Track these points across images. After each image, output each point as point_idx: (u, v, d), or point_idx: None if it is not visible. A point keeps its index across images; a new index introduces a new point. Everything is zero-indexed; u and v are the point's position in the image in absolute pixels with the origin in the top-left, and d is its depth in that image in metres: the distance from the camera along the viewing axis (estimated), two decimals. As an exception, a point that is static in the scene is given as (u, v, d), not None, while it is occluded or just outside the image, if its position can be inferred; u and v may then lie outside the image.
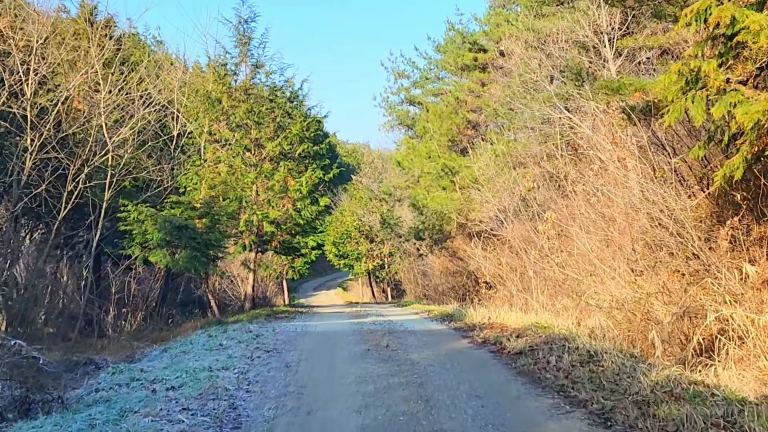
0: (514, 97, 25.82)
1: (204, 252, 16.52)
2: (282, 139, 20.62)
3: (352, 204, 50.36)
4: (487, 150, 26.47)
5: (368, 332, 12.84)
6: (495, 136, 27.76)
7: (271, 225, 19.69)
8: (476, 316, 14.21)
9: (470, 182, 26.93)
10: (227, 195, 19.25)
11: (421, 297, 38.79)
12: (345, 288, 62.50)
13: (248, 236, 20.17)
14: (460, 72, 33.42)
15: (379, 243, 46.48)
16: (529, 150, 25.50)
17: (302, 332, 13.09)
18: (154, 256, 16.13)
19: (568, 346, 9.88)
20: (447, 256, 30.82)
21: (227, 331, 12.68)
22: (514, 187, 24.90)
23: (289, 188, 20.01)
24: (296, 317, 18.34)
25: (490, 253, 24.58)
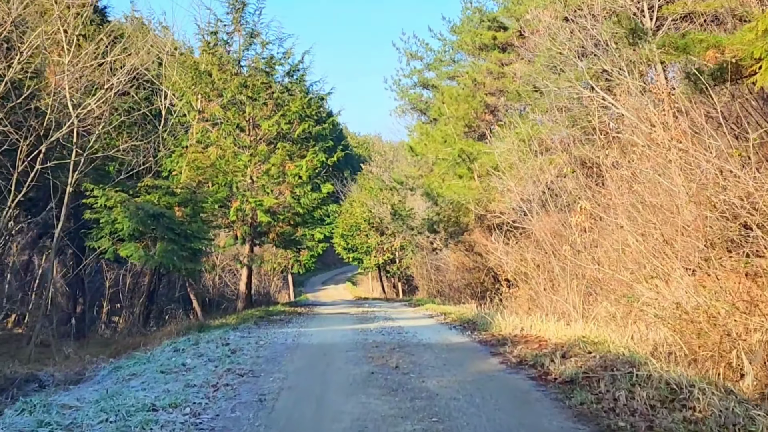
0: (539, 76, 23.31)
1: (183, 245, 14.13)
2: (279, 117, 18.18)
3: (362, 195, 47.97)
4: (510, 134, 23.95)
5: (373, 345, 10.41)
6: (517, 120, 25.25)
7: (266, 214, 17.27)
8: (505, 325, 11.72)
9: (490, 170, 24.45)
10: (216, 180, 16.88)
11: (434, 294, 36.35)
12: (354, 282, 60.16)
13: (240, 227, 17.78)
14: (477, 52, 30.85)
15: (389, 236, 44.05)
16: (556, 134, 22.99)
17: (293, 344, 10.66)
18: (125, 250, 13.76)
19: (636, 373, 7.42)
20: (463, 250, 28.33)
21: (199, 344, 10.27)
22: (540, 174, 22.41)
23: (287, 173, 17.60)
24: (292, 320, 15.96)
25: (512, 248, 22.16)
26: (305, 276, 57.27)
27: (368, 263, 44.91)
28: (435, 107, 33.59)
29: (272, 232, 19.15)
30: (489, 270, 27.17)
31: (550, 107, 22.80)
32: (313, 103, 19.15)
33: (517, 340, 10.35)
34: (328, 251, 53.62)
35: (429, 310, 20.02)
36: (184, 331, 13.72)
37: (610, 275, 15.13)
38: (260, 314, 17.23)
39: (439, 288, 36.06)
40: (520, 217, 22.32)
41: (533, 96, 24.95)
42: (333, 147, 20.03)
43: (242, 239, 17.89)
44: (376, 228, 44.74)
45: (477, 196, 23.74)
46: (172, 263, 13.92)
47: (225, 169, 17.08)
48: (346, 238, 46.32)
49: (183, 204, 14.49)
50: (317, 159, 18.32)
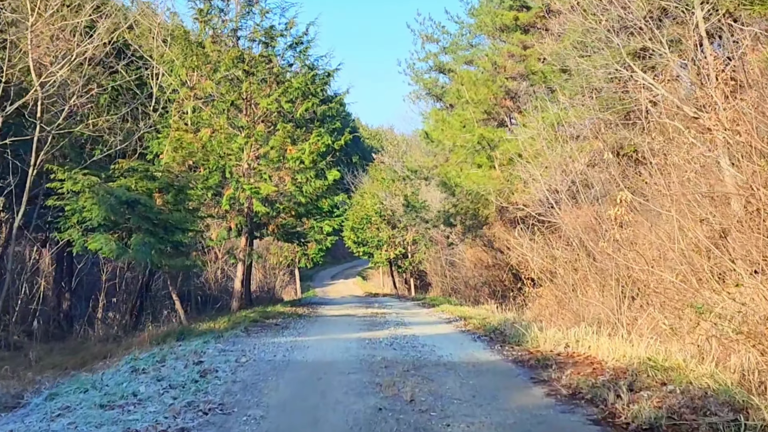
0: (568, 54, 21.16)
1: (163, 237, 12.12)
2: (280, 94, 16.12)
3: (373, 186, 45.92)
4: (536, 118, 21.84)
5: (382, 365, 8.34)
6: (543, 104, 23.15)
7: (263, 204, 15.23)
8: (543, 338, 9.59)
9: (514, 157, 22.37)
10: (207, 164, 14.89)
11: (448, 291, 34.27)
12: (365, 277, 58.19)
13: (234, 217, 15.78)
14: (498, 34, 28.66)
15: (401, 229, 41.97)
16: (587, 119, 20.87)
17: (282, 362, 8.60)
18: (93, 242, 11.75)
19: (745, 423, 5.38)
20: (481, 245, 26.27)
21: (166, 361, 8.24)
22: (569, 163, 20.32)
23: (288, 157, 15.56)
24: (290, 325, 13.94)
25: (537, 244, 20.09)
26: (314, 270, 55.35)
27: (379, 258, 42.86)
28: (452, 92, 31.45)
29: (272, 224, 17.12)
30: (510, 267, 25.09)
31: (581, 89, 20.69)
32: (318, 79, 17.07)
33: (562, 360, 8.27)
34: (337, 244, 51.63)
35: (445, 312, 17.96)
36: (161, 339, 11.75)
37: (659, 277, 13.07)
38: (255, 316, 15.23)
39: (453, 285, 33.98)
40: (547, 210, 20.30)
41: (560, 78, 22.82)
42: (340, 129, 17.95)
43: (237, 231, 15.87)
44: (387, 221, 42.65)
45: (498, 187, 21.64)
46: (150, 258, 11.91)
47: (217, 151, 15.07)
48: (357, 232, 44.28)
49: (164, 190, 12.49)
50: (322, 142, 16.26)
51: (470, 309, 19.40)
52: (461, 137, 23.11)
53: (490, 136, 22.32)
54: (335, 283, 55.08)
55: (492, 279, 27.82)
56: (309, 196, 16.05)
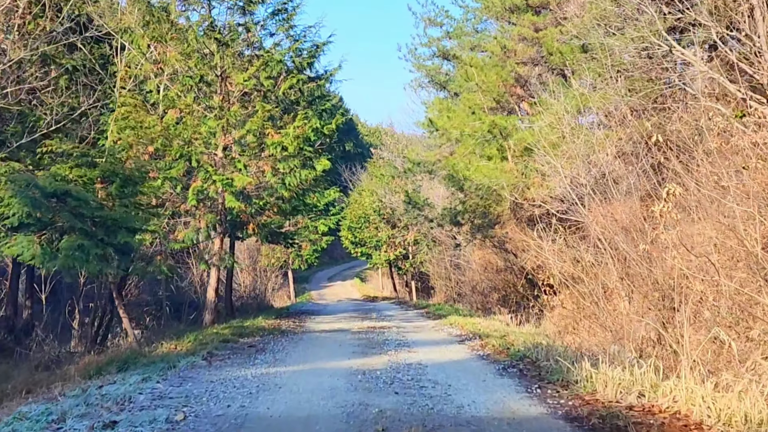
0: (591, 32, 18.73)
1: (103, 240, 9.54)
2: (259, 68, 13.53)
3: (372, 183, 43.39)
4: (555, 104, 19.33)
5: (378, 425, 5.78)
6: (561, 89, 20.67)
7: (237, 198, 12.64)
8: (601, 379, 6.94)
9: (531, 146, 19.82)
10: (169, 150, 12.32)
11: (453, 297, 31.69)
12: (363, 279, 55.64)
13: (204, 215, 13.19)
14: (507, 15, 26.03)
15: (402, 229, 39.43)
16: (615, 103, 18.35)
17: (235, 422, 5.99)
18: (12, 246, 9.17)
19: None
20: (491, 246, 23.71)
21: (65, 421, 5.68)
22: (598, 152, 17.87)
23: (268, 143, 12.98)
24: (267, 347, 11.36)
25: (558, 245, 17.60)
26: (310, 271, 52.83)
27: (378, 259, 40.31)
28: (458, 79, 28.89)
29: (252, 223, 14.55)
30: (524, 272, 22.54)
31: (607, 70, 18.12)
32: (306, 53, 14.49)
33: (640, 418, 5.70)
34: (335, 244, 49.02)
35: (455, 326, 15.40)
36: (97, 369, 9.20)
37: (726, 288, 10.83)
38: (228, 334, 12.66)
39: (459, 289, 31.41)
40: (569, 207, 17.81)
41: (581, 58, 20.25)
42: (331, 111, 15.36)
43: (207, 232, 13.30)
44: (386, 220, 40.10)
45: (512, 181, 19.08)
46: (86, 266, 9.33)
47: (182, 136, 12.51)
48: (354, 231, 41.72)
49: (107, 180, 9.92)
50: (309, 126, 13.69)
51: (482, 321, 16.86)
52: (470, 125, 20.53)
53: (502, 124, 19.75)
54: (332, 285, 52.50)
55: (503, 284, 25.25)
56: (293, 190, 13.47)
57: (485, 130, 20.20)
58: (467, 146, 20.63)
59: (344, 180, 50.99)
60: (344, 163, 54.71)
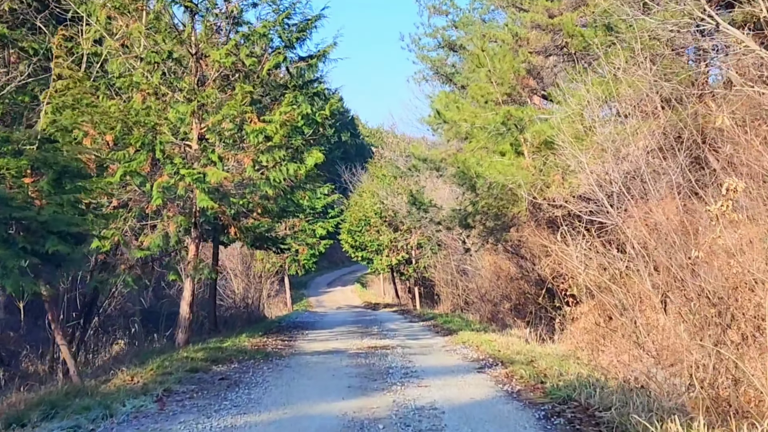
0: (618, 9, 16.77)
1: (25, 249, 7.41)
2: (239, 42, 11.41)
3: (373, 185, 41.28)
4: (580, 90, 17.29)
5: None
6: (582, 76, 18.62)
7: (211, 197, 10.51)
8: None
9: (549, 141, 17.74)
10: (128, 139, 10.20)
11: (461, 305, 29.55)
12: (364, 284, 53.46)
13: (174, 217, 11.06)
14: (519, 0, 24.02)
15: (404, 232, 37.30)
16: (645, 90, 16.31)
17: None
18: None
19: None
20: (504, 251, 21.58)
21: None
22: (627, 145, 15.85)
23: (248, 131, 10.86)
24: (243, 378, 9.23)
25: (582, 250, 15.51)
26: (309, 276, 50.61)
27: (379, 264, 38.13)
28: (465, 71, 26.84)
29: (233, 226, 12.41)
30: (541, 280, 20.42)
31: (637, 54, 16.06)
32: (295, 27, 12.35)
33: None
34: (335, 248, 46.83)
35: (469, 345, 13.28)
36: (22, 415, 7.09)
37: None
38: (200, 359, 10.54)
39: (466, 297, 29.27)
40: (597, 207, 15.75)
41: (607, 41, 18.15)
42: (324, 96, 13.18)
43: (177, 237, 11.17)
44: (388, 223, 37.95)
45: (529, 179, 16.96)
46: (4, 282, 7.21)
47: (145, 122, 10.39)
48: (354, 235, 39.55)
49: (38, 169, 7.81)
50: (298, 112, 11.59)
51: (498, 338, 14.76)
52: (482, 117, 18.40)
53: (518, 115, 17.61)
54: (332, 291, 50.33)
55: (515, 293, 23.11)
56: (279, 187, 11.33)
57: (499, 121, 18.06)
58: (479, 140, 18.49)
59: (344, 181, 48.90)
60: (344, 164, 52.66)
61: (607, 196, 14.96)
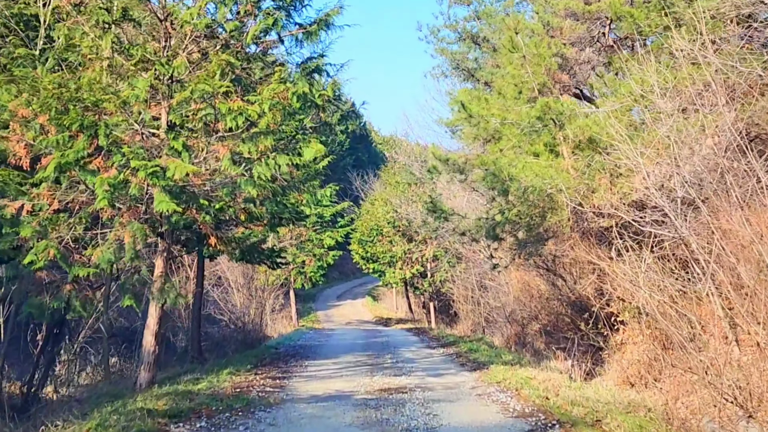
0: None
1: None
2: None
3: (386, 192, 38.68)
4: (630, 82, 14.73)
5: None
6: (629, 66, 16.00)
7: (172, 198, 7.90)
8: None
9: (593, 140, 15.18)
10: (65, 120, 7.66)
11: (481, 325, 26.81)
12: (375, 297, 50.74)
13: (126, 223, 8.46)
14: (550, -13, 21.38)
15: (419, 243, 34.62)
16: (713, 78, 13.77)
17: None
18: None
19: None
20: (535, 267, 18.87)
21: None
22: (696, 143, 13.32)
23: (223, 110, 8.27)
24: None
25: (636, 266, 12.97)
26: (318, 288, 47.89)
27: (392, 277, 35.43)
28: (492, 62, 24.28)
29: (213, 236, 9.81)
30: (577, 301, 17.72)
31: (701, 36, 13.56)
32: (290, -13, 9.74)
33: None
34: (345, 258, 44.14)
35: (506, 386, 10.59)
36: None
37: None
38: (158, 412, 7.91)
39: (487, 315, 26.53)
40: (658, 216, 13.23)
41: (659, 23, 15.61)
42: (325, 71, 10.46)
43: (133, 251, 8.55)
44: (402, 233, 35.28)
45: (571, 183, 14.30)
46: None
47: (85, 98, 7.84)
48: (365, 245, 36.90)
49: None
50: (293, 91, 9.02)
51: (537, 374, 12.14)
52: (514, 110, 15.77)
53: (558, 109, 14.96)
54: (341, 305, 47.60)
55: (546, 314, 20.37)
56: (267, 186, 8.73)
57: (534, 116, 15.40)
58: (510, 138, 15.81)
59: (355, 189, 46.30)
60: (356, 171, 50.09)
61: (669, 203, 12.33)
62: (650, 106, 13.78)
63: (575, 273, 17.07)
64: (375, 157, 72.19)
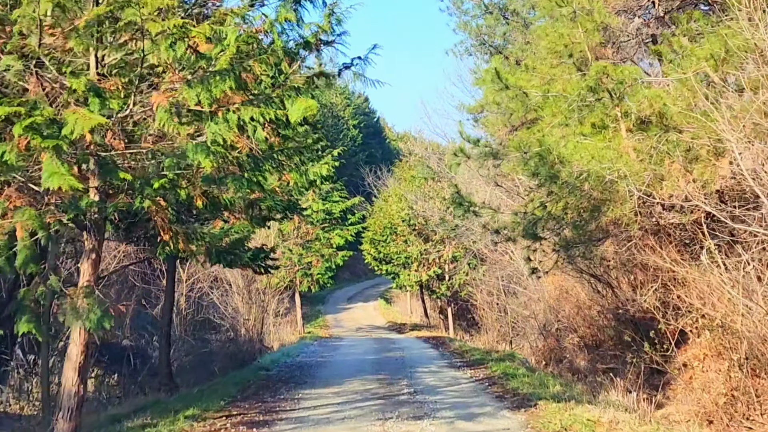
0: None
1: None
2: None
3: (400, 188, 35.72)
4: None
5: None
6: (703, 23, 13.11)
7: (68, 171, 5.01)
8: None
9: (662, 115, 12.16)
10: None
11: (509, 335, 23.81)
12: (388, 300, 47.68)
13: (18, 212, 5.59)
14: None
15: (437, 243, 31.64)
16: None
17: None
18: None
19: None
20: (579, 273, 15.85)
21: None
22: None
23: (154, 36, 5.39)
24: None
25: (729, 273, 10.09)
26: (328, 290, 44.86)
27: (406, 280, 32.40)
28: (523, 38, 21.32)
29: (165, 229, 6.95)
30: (632, 315, 14.66)
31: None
32: None
33: None
34: (357, 258, 41.08)
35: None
36: None
37: None
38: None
39: (514, 323, 23.52)
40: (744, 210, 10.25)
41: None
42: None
43: (27, 252, 5.68)
44: (418, 232, 32.30)
45: (635, 169, 11.32)
46: None
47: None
48: (378, 245, 33.93)
49: None
50: (270, 21, 6.15)
51: (599, 413, 9.13)
52: (561, 80, 12.82)
53: (618, 76, 12.00)
54: (352, 308, 44.62)
55: (588, 326, 17.34)
56: (227, 155, 5.82)
57: (585, 87, 12.42)
58: (556, 112, 12.82)
59: (368, 185, 43.29)
60: (368, 166, 47.18)
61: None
62: (738, 71, 10.83)
63: (630, 280, 14.09)
64: (389, 154, 69.11)
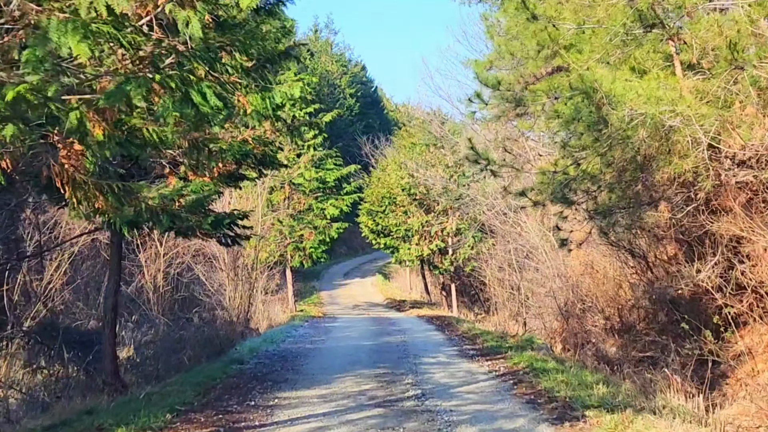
0: None
1: None
2: None
3: (400, 155, 33.31)
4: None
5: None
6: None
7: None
8: None
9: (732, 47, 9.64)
10: None
11: (523, 314, 21.53)
12: (387, 275, 45.51)
13: None
14: None
15: (439, 214, 29.31)
16: None
17: None
18: None
19: None
20: (614, 245, 13.46)
21: None
22: None
23: None
24: None
25: None
26: (323, 265, 42.59)
27: (406, 254, 30.08)
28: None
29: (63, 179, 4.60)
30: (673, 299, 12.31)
31: None
32: None
33: None
34: (355, 231, 38.71)
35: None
36: None
37: None
38: None
39: (527, 302, 21.23)
40: None
41: None
42: None
43: None
44: (419, 202, 29.92)
45: (707, 113, 8.93)
46: None
47: None
48: (375, 216, 31.53)
49: None
50: None
51: (666, 427, 6.74)
52: (602, 5, 10.36)
53: (675, 0, 9.55)
54: (349, 284, 42.38)
55: (617, 307, 15.04)
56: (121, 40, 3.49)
57: (633, 15, 9.95)
58: (597, 46, 10.38)
59: (365, 155, 40.80)
60: (366, 136, 44.68)
61: None
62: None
63: (683, 252, 11.73)
64: (387, 124, 66.61)
